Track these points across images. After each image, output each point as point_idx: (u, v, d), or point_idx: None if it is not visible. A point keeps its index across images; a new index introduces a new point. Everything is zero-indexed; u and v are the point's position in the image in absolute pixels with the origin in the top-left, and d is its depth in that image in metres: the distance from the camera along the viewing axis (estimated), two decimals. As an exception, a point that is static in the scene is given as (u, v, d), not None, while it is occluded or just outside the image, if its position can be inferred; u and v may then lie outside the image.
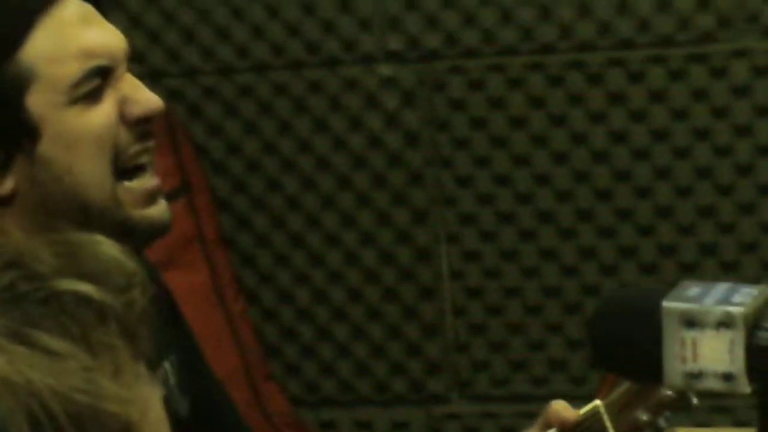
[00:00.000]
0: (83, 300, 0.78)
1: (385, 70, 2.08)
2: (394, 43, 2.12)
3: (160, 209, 1.32)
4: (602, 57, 2.02)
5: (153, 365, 0.83)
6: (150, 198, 1.30)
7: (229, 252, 2.28)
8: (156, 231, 1.32)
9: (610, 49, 2.02)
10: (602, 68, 2.01)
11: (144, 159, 1.29)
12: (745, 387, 1.06)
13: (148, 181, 1.28)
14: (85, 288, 0.79)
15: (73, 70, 1.26)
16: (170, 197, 2.23)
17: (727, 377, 1.08)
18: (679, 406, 1.50)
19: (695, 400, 1.45)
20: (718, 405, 1.95)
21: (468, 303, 2.18)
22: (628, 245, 2.10)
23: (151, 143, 1.29)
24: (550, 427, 1.46)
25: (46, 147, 1.32)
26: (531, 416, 1.41)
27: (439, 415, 2.21)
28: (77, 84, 1.27)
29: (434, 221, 2.16)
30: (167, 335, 1.51)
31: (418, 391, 2.20)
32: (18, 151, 1.31)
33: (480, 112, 2.10)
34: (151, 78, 2.15)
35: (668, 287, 1.07)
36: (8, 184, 1.31)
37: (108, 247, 0.82)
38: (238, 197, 2.23)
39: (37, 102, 1.30)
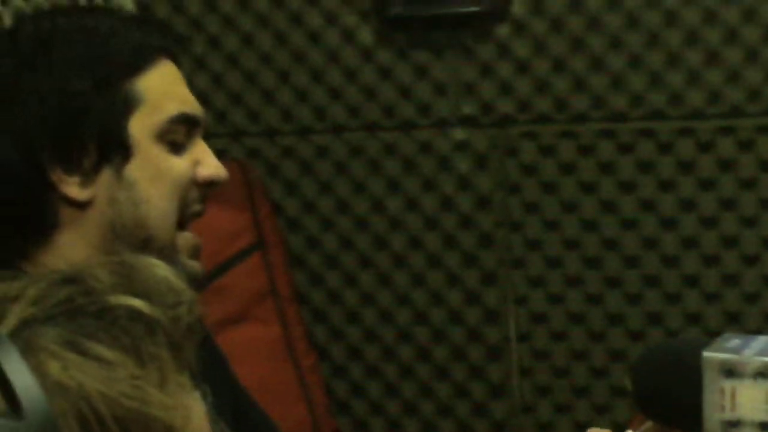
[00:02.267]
0: (134, 314, 0.82)
1: (459, 134, 2.13)
2: (468, 108, 2.17)
3: (199, 264, 1.43)
4: (672, 126, 2.05)
5: (195, 383, 0.88)
6: (196, 252, 1.41)
7: (302, 308, 2.32)
8: (193, 281, 1.40)
9: (681, 119, 2.05)
10: (672, 137, 2.04)
11: (197, 217, 1.41)
12: (785, 437, 1.15)
13: (196, 237, 1.40)
14: (137, 303, 0.83)
15: (174, 108, 1.38)
16: (246, 253, 2.32)
17: (765, 426, 1.21)
18: None
19: None
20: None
21: (535, 364, 2.19)
22: (672, 297, 2.13)
23: (204, 207, 1.40)
24: None
25: (133, 170, 1.41)
26: (594, 474, 1.40)
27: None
28: (173, 121, 1.38)
29: (503, 283, 2.18)
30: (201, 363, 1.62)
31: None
32: (109, 164, 1.40)
33: (551, 177, 2.14)
34: (232, 137, 2.23)
35: (710, 338, 1.17)
36: (89, 192, 1.40)
37: (161, 268, 0.87)
38: (312, 254, 2.28)
39: (137, 126, 1.40)
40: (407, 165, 2.19)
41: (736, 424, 1.25)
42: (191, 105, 1.45)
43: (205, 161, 1.42)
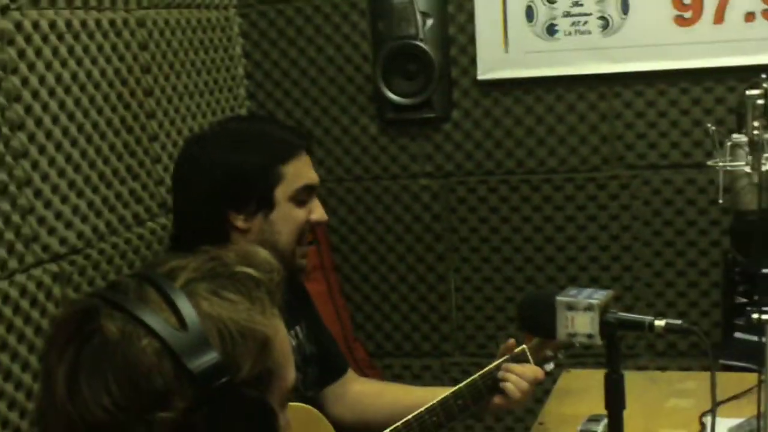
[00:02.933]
0: (249, 276, 1.15)
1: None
2: (429, 167, 3.61)
3: (305, 262, 2.18)
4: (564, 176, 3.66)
5: (288, 326, 1.18)
6: (304, 256, 2.17)
7: (338, 274, 3.70)
8: (302, 271, 2.22)
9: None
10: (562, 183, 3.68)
11: (307, 238, 2.14)
12: (599, 341, 1.81)
13: (306, 249, 2.17)
14: (250, 270, 1.16)
15: (301, 182, 2.11)
16: (310, 244, 3.56)
17: (590, 336, 1.83)
18: (568, 347, 2.40)
19: (577, 344, 2.04)
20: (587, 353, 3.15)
21: (464, 304, 3.78)
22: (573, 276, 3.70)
23: (313, 235, 2.28)
24: (504, 355, 2.32)
25: (275, 216, 2.11)
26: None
27: None
28: (301, 189, 2.11)
29: (448, 261, 3.78)
30: (300, 311, 2.35)
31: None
32: (261, 212, 2.10)
33: (482, 208, 3.73)
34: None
35: (560, 289, 1.82)
36: (248, 224, 2.08)
37: (263, 252, 1.21)
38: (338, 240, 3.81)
39: (280, 193, 2.11)
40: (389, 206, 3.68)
41: (574, 335, 1.84)
42: (312, 179, 2.13)
43: (315, 210, 2.14)
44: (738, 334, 2.96)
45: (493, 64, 3.51)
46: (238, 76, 3.68)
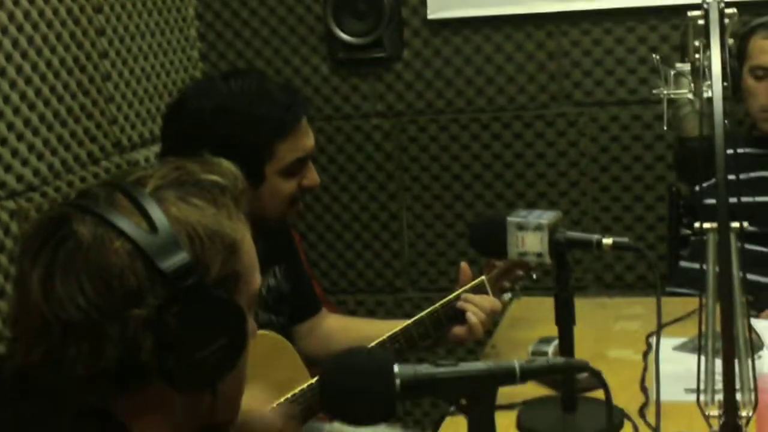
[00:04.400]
0: (214, 183, 1.20)
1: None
2: (380, 106, 3.78)
3: (295, 215, 2.17)
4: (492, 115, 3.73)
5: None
6: (299, 214, 2.17)
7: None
8: (290, 223, 2.28)
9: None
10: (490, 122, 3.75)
11: (300, 201, 2.12)
12: (548, 260, 1.88)
13: (297, 208, 2.14)
14: (214, 177, 1.21)
15: (291, 159, 2.05)
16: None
17: (539, 255, 1.91)
18: (527, 277, 2.40)
19: (535, 276, 2.39)
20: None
21: (416, 241, 3.84)
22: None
23: (304, 198, 2.10)
24: (463, 284, 2.31)
25: (262, 190, 2.05)
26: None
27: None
28: (293, 163, 2.06)
29: (400, 200, 3.87)
30: (282, 252, 2.34)
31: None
32: (250, 180, 1.71)
33: (432, 147, 3.79)
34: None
35: (511, 210, 1.94)
36: None
37: (225, 161, 1.25)
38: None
39: (269, 168, 2.06)
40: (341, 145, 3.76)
41: (524, 254, 1.94)
42: (306, 150, 2.07)
43: (307, 175, 2.10)
44: (683, 263, 3.06)
45: (443, 3, 3.56)
46: (189, 16, 3.70)
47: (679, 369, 2.20)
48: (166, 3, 3.48)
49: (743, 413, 1.40)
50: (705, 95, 2.01)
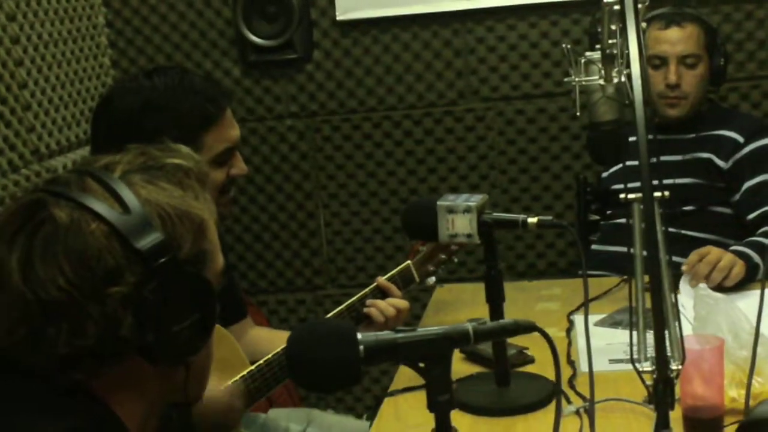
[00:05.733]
0: (178, 166, 1.27)
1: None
2: (294, 107, 3.81)
3: (227, 209, 2.20)
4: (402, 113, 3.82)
5: None
6: (226, 206, 2.18)
7: None
8: (223, 219, 2.28)
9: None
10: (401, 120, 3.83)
11: (231, 190, 2.18)
12: (477, 240, 1.98)
13: (228, 198, 2.18)
14: (178, 161, 1.28)
15: (220, 149, 2.11)
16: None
17: (469, 236, 2.01)
18: (448, 261, 2.55)
19: (456, 259, 2.56)
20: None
21: (334, 238, 3.90)
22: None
23: (234, 187, 2.16)
24: (382, 292, 2.42)
25: None
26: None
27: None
28: (221, 153, 2.12)
29: (316, 198, 3.93)
30: None
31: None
32: None
33: (345, 145, 3.86)
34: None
35: (440, 196, 2.05)
36: None
37: (184, 147, 1.32)
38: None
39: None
40: (256, 147, 3.82)
41: (454, 235, 2.02)
42: (232, 140, 2.12)
43: (235, 165, 2.16)
44: (594, 247, 3.19)
45: (351, 4, 3.64)
46: (99, 24, 3.72)
47: (600, 343, 2.35)
48: (77, 11, 3.49)
49: (673, 367, 1.51)
50: (615, 80, 2.15)
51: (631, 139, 1.64)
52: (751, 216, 2.91)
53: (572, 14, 3.60)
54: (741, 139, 2.99)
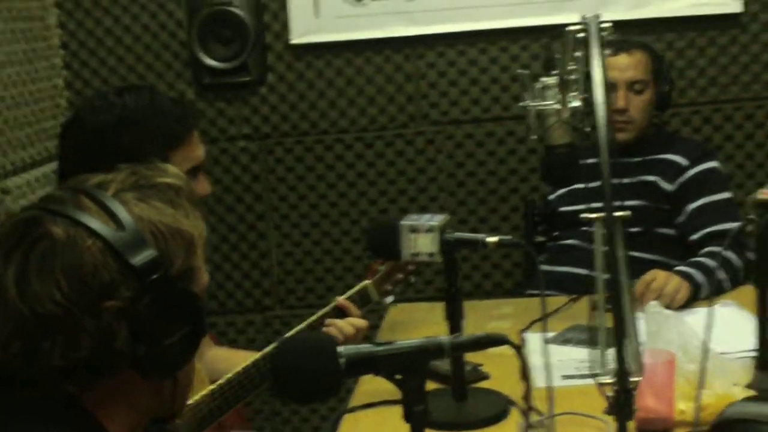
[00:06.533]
0: (168, 185, 1.32)
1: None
2: (246, 129, 3.86)
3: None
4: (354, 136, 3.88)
5: None
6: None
7: None
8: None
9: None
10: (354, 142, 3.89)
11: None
12: (439, 259, 2.03)
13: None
14: (168, 180, 1.32)
15: (185, 168, 2.10)
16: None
17: (431, 255, 2.07)
18: (405, 281, 2.62)
19: (413, 279, 2.61)
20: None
21: (284, 259, 3.94)
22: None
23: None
24: (341, 311, 2.44)
25: None
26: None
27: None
28: (185, 173, 1.66)
29: (268, 219, 3.97)
30: None
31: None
32: None
33: (296, 168, 3.91)
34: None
35: (403, 215, 2.12)
36: None
37: (171, 167, 1.37)
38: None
39: None
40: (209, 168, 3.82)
41: (417, 254, 2.08)
42: (197, 160, 2.16)
43: (198, 185, 2.18)
44: (541, 267, 3.26)
45: (305, 28, 3.71)
46: (54, 45, 3.73)
47: (552, 360, 2.40)
48: (32, 32, 3.51)
49: (633, 379, 1.58)
50: (570, 105, 2.24)
51: (592, 161, 1.71)
52: (695, 237, 3.00)
53: (521, 41, 3.70)
54: (686, 163, 3.09)
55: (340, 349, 1.36)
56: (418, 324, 2.80)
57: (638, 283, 2.66)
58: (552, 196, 3.37)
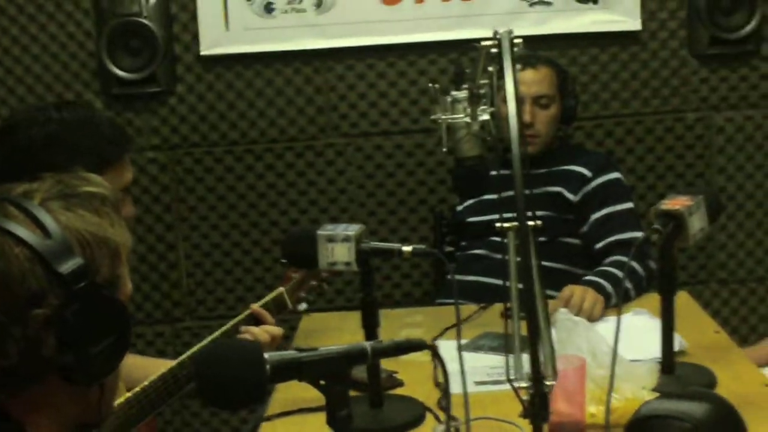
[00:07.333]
0: (93, 194, 1.33)
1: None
2: (155, 140, 3.86)
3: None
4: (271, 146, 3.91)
5: None
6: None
7: None
8: None
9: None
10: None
11: None
12: (355, 268, 2.06)
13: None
14: (94, 189, 1.33)
15: (120, 186, 2.13)
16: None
17: (347, 264, 2.10)
18: (319, 289, 2.66)
19: (326, 287, 2.66)
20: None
21: (194, 270, 3.93)
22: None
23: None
24: (256, 319, 2.46)
25: None
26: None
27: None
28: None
29: (177, 231, 3.96)
30: None
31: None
32: None
33: (205, 175, 3.91)
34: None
35: (320, 225, 2.17)
36: None
37: (95, 176, 1.38)
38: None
39: None
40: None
41: (334, 263, 2.11)
42: (125, 183, 2.18)
43: (124, 207, 1.89)
44: (449, 277, 3.32)
45: (215, 40, 3.72)
46: (-42, 54, 3.67)
47: (465, 366, 2.45)
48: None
49: (547, 383, 1.64)
50: (480, 118, 2.29)
51: (499, 172, 1.75)
52: (599, 246, 3.09)
53: (429, 55, 3.76)
54: (589, 174, 3.17)
55: (266, 355, 1.38)
56: (333, 332, 2.83)
57: (556, 300, 2.71)
58: (460, 207, 3.43)
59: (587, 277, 2.84)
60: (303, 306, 2.65)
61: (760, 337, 3.77)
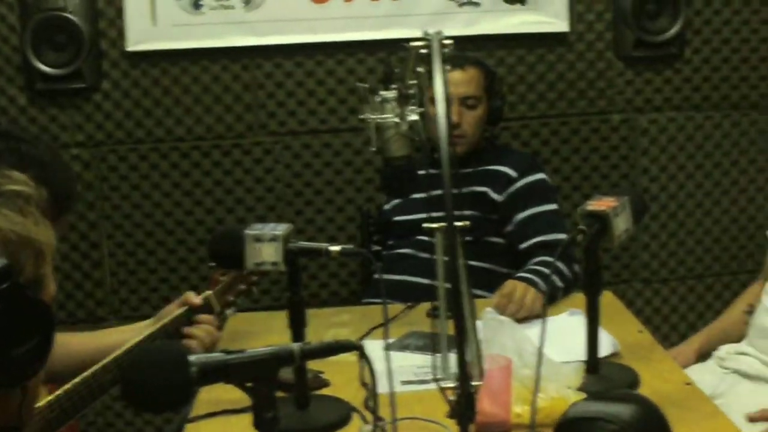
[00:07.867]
0: (18, 193, 1.30)
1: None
2: (80, 136, 3.79)
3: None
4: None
5: None
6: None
7: None
8: None
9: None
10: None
11: None
12: (283, 268, 2.04)
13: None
14: (18, 187, 1.31)
15: None
16: None
17: (275, 264, 2.08)
18: (248, 291, 2.58)
19: (255, 290, 2.59)
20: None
21: (117, 270, 3.89)
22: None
23: None
24: (184, 305, 2.42)
25: None
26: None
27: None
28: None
29: (100, 228, 3.89)
30: None
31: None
32: None
33: (132, 173, 3.87)
34: None
35: (248, 225, 2.12)
36: None
37: (19, 174, 1.34)
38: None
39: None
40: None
41: (261, 264, 2.09)
42: (62, 233, 2.18)
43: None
44: (376, 275, 3.32)
45: (142, 36, 3.67)
46: None
47: (392, 365, 2.45)
48: None
49: (474, 383, 1.64)
50: (409, 118, 2.30)
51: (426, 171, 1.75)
52: (523, 246, 3.11)
53: (357, 54, 3.76)
54: (514, 174, 3.19)
55: (192, 357, 1.37)
56: (260, 333, 2.80)
57: (497, 295, 2.71)
58: (387, 206, 3.43)
59: (521, 275, 2.85)
60: (231, 311, 2.61)
61: (681, 336, 3.83)
